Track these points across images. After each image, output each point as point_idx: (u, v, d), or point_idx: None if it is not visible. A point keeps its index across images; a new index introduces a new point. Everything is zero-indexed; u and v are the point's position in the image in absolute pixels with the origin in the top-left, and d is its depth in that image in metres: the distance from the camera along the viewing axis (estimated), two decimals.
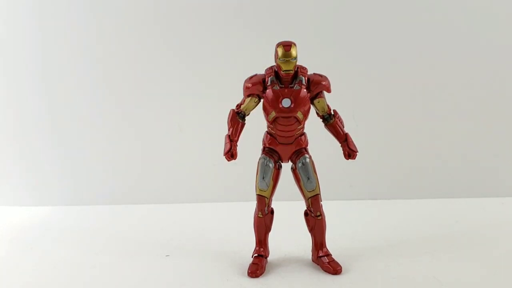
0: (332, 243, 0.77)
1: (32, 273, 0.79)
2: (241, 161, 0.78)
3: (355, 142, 0.73)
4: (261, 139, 0.75)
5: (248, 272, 0.73)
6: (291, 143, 0.71)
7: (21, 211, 1.12)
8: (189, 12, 1.11)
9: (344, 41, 1.10)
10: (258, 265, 0.74)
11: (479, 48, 1.08)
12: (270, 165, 0.72)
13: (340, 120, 0.71)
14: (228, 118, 0.73)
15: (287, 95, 0.68)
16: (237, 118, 0.72)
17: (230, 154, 0.71)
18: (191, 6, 1.11)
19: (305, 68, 0.70)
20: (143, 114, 1.14)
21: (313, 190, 0.72)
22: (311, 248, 0.77)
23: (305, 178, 0.71)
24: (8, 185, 1.19)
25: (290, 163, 0.75)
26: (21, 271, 0.80)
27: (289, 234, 0.85)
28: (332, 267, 0.72)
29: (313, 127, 0.74)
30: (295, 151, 0.72)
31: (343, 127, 0.71)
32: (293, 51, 0.66)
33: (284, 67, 0.67)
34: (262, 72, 0.72)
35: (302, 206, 0.76)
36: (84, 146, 1.16)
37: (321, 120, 0.72)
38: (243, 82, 0.73)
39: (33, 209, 1.13)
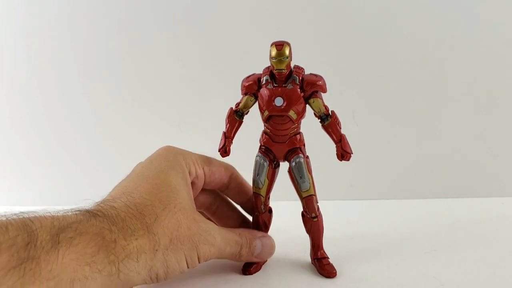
0: (332, 243, 0.77)
1: None
2: (240, 161, 0.78)
3: (355, 142, 0.72)
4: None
5: (242, 269, 0.74)
6: (285, 142, 0.71)
7: (20, 211, 1.12)
8: (188, 12, 1.11)
9: (344, 41, 1.10)
10: (254, 263, 0.74)
11: (479, 48, 1.08)
12: (265, 163, 0.72)
13: (337, 121, 0.71)
14: (226, 116, 0.73)
15: (279, 94, 0.68)
16: (234, 116, 0.72)
17: (224, 150, 0.72)
18: (191, 6, 1.11)
19: (302, 68, 0.70)
20: (142, 113, 1.15)
21: (307, 191, 0.72)
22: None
23: (298, 177, 0.71)
24: (8, 185, 1.19)
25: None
26: None
27: (289, 234, 0.85)
28: (326, 270, 0.72)
29: (314, 127, 0.74)
30: (289, 150, 0.72)
31: (340, 128, 0.71)
32: (286, 50, 0.66)
33: (276, 66, 0.67)
34: (261, 71, 0.72)
35: (301, 206, 0.76)
36: (83, 146, 1.16)
37: (319, 120, 0.72)
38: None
39: (33, 209, 1.13)
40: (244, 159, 0.79)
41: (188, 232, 0.60)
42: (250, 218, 0.80)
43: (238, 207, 0.81)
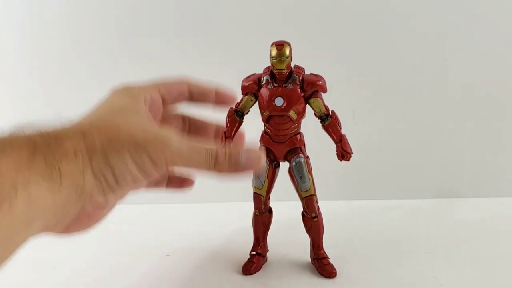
0: (332, 243, 0.77)
1: (29, 273, 0.79)
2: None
3: (355, 142, 0.73)
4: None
5: (242, 269, 0.74)
6: (285, 142, 0.71)
7: None
8: (189, 12, 1.11)
9: (345, 41, 1.10)
10: (254, 263, 0.75)
11: (479, 47, 1.08)
12: (265, 163, 0.72)
13: (337, 121, 0.71)
14: (226, 115, 0.73)
15: (280, 94, 0.68)
16: (235, 116, 0.72)
17: None
18: (191, 6, 1.11)
19: (302, 68, 0.70)
20: None
21: (307, 191, 0.72)
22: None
23: (298, 177, 0.71)
24: None
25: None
26: (18, 271, 0.80)
27: (289, 234, 0.85)
28: (326, 270, 0.72)
29: (314, 127, 0.74)
30: (289, 150, 0.72)
31: (340, 128, 0.71)
32: (286, 50, 0.66)
33: (276, 66, 0.67)
34: (261, 71, 0.72)
35: (301, 206, 0.76)
36: None
37: (319, 120, 0.72)
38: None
39: None
40: None
41: (130, 133, 0.54)
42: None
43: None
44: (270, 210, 0.77)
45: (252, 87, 0.71)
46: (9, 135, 0.49)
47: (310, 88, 0.69)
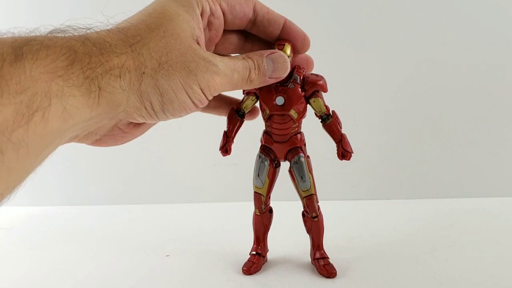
0: (332, 243, 0.77)
1: (29, 273, 0.79)
2: (241, 161, 0.78)
3: (355, 142, 0.73)
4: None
5: (242, 269, 0.74)
6: (286, 142, 0.71)
7: (17, 210, 1.12)
8: None
9: (345, 41, 1.10)
10: (254, 263, 0.75)
11: (479, 47, 1.08)
12: (266, 163, 0.72)
13: (338, 121, 0.71)
14: (227, 115, 0.73)
15: (280, 93, 0.68)
16: (236, 116, 0.72)
17: (225, 149, 0.72)
18: None
19: (303, 68, 0.70)
20: None
21: (307, 190, 0.72)
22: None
23: (299, 177, 0.71)
24: None
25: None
26: (18, 271, 0.80)
27: (289, 234, 0.85)
28: (326, 270, 0.72)
29: (315, 127, 0.75)
30: (290, 149, 0.72)
31: (341, 128, 0.71)
32: (287, 50, 0.66)
33: None
34: None
35: (301, 206, 0.76)
36: (81, 145, 1.16)
37: (320, 120, 0.72)
38: None
39: (32, 208, 1.13)
40: (245, 158, 0.79)
41: (181, 58, 0.51)
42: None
43: None
44: (271, 210, 0.77)
45: None
46: (46, 36, 0.44)
47: (311, 87, 0.69)
